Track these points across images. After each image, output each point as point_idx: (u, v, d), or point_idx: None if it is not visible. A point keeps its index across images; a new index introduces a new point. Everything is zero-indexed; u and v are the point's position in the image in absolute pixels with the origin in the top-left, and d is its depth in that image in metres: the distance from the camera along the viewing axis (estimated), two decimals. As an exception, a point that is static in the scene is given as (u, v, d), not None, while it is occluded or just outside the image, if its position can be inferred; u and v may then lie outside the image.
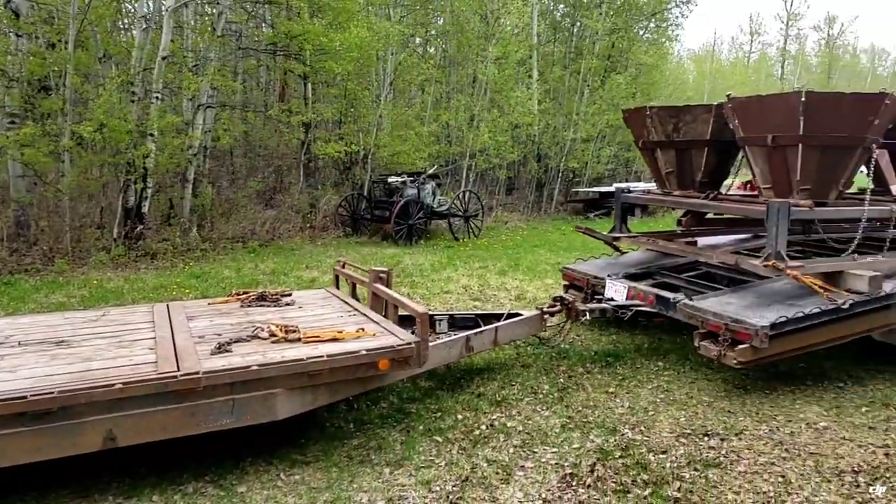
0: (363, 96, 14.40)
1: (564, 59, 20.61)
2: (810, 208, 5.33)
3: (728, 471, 3.86)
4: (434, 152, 15.84)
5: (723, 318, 5.01)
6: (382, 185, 14.00)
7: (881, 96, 5.18)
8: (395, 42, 14.67)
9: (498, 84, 16.73)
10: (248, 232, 12.03)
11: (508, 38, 17.01)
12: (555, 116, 19.18)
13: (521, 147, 18.55)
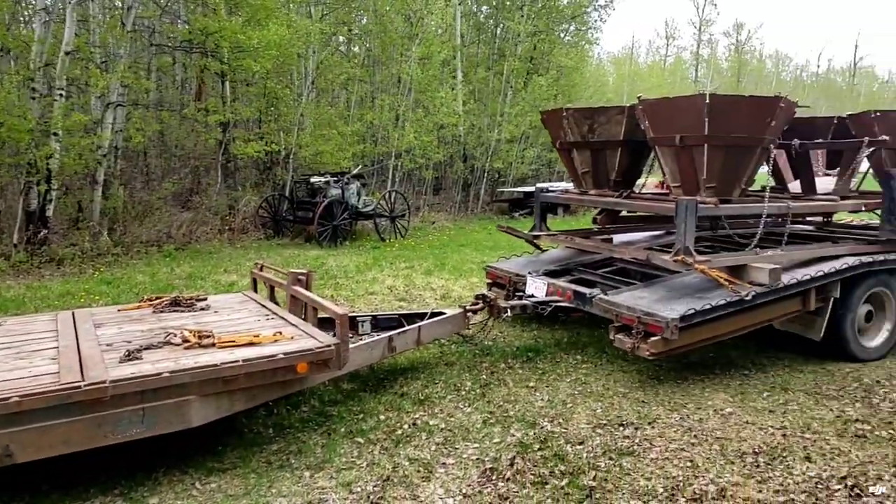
0: (284, 95, 14.13)
1: (488, 61, 20.89)
2: (716, 205, 5.61)
3: (641, 458, 4.01)
4: (359, 152, 15.73)
5: (635, 312, 5.21)
6: (305, 185, 13.77)
7: (776, 99, 5.51)
8: (317, 40, 14.48)
9: (422, 84, 16.78)
10: (164, 235, 11.59)
11: (432, 39, 17.09)
12: (479, 117, 19.41)
13: (447, 147, 18.67)
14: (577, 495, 3.55)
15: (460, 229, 16.11)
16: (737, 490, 3.62)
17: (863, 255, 6.06)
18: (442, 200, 19.25)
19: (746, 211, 5.97)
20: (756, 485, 3.69)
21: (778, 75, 65.79)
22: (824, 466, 3.91)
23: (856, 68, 66.59)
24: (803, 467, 3.90)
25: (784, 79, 66.14)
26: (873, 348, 6.15)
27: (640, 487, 3.65)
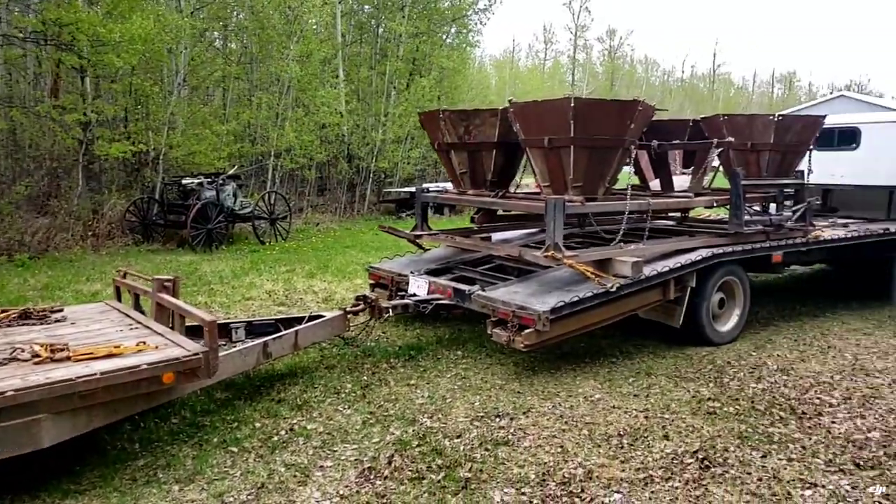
0: (153, 93, 13.35)
1: (371, 60, 20.81)
2: (582, 203, 5.93)
3: (515, 447, 4.16)
4: (235, 152, 15.17)
5: (510, 306, 5.40)
6: (177, 187, 13.07)
7: (635, 103, 5.89)
8: (188, 36, 13.81)
9: (302, 83, 16.44)
10: (16, 243, 10.61)
11: (311, 37, 16.79)
12: (363, 117, 19.30)
13: (331, 147, 18.42)
14: (453, 487, 3.63)
15: (346, 230, 15.95)
16: (602, 471, 3.84)
17: (715, 247, 6.60)
18: (326, 201, 18.98)
19: (610, 208, 6.34)
20: (620, 465, 3.93)
21: (648, 80, 70.04)
22: (680, 443, 4.23)
23: (715, 74, 72.20)
24: (662, 445, 4.20)
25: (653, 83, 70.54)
26: (726, 332, 6.72)
27: (513, 475, 3.78)
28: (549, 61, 64.26)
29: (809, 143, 7.78)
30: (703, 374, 5.66)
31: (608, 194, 6.50)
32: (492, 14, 24.60)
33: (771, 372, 5.73)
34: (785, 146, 7.57)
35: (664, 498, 3.55)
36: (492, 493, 3.59)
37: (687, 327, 6.38)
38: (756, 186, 7.29)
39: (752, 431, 4.43)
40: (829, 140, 9.14)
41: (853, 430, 4.47)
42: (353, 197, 19.41)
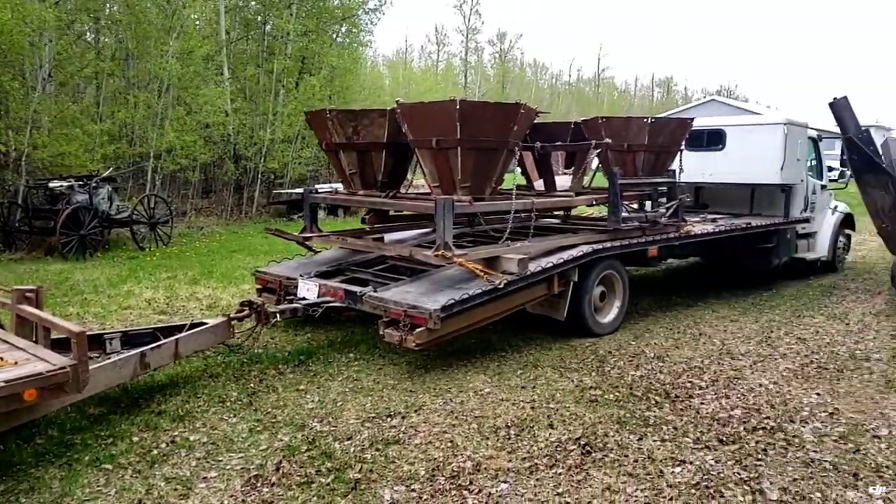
0: (12, 88, 12.27)
1: (258, 58, 20.19)
2: (470, 203, 6.05)
3: (406, 445, 4.18)
4: (111, 153, 14.24)
5: (402, 306, 5.43)
6: (43, 191, 12.09)
7: (517, 106, 6.08)
8: (52, 27, 12.81)
9: (184, 81, 15.69)
10: None
11: (192, 33, 16.06)
12: (250, 116, 18.70)
13: (216, 147, 17.70)
14: (343, 489, 3.60)
15: (233, 234, 15.39)
16: (490, 462, 3.94)
17: (595, 243, 6.93)
18: (212, 204, 18.24)
19: (497, 207, 6.50)
20: (507, 455, 4.05)
21: (537, 83, 72.27)
22: (564, 431, 4.42)
23: (600, 79, 75.71)
24: (547, 434, 4.36)
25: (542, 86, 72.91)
26: (607, 323, 7.08)
27: (404, 473, 3.81)
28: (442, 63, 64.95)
29: (680, 144, 8.34)
30: (587, 364, 5.93)
31: (495, 194, 6.68)
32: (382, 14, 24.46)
33: (648, 359, 6.09)
34: (658, 147, 8.08)
35: (548, 484, 3.69)
36: (381, 491, 3.59)
37: (571, 320, 6.67)
38: (632, 185, 7.73)
39: (630, 416, 4.70)
40: (699, 141, 9.83)
41: (718, 409, 4.84)
42: (240, 199, 18.76)
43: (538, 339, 6.67)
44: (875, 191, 8.05)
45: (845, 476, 3.77)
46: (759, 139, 9.53)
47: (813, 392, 5.17)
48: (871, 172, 8.01)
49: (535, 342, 6.60)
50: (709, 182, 10.04)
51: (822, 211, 10.60)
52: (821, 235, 10.56)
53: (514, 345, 6.50)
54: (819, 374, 5.66)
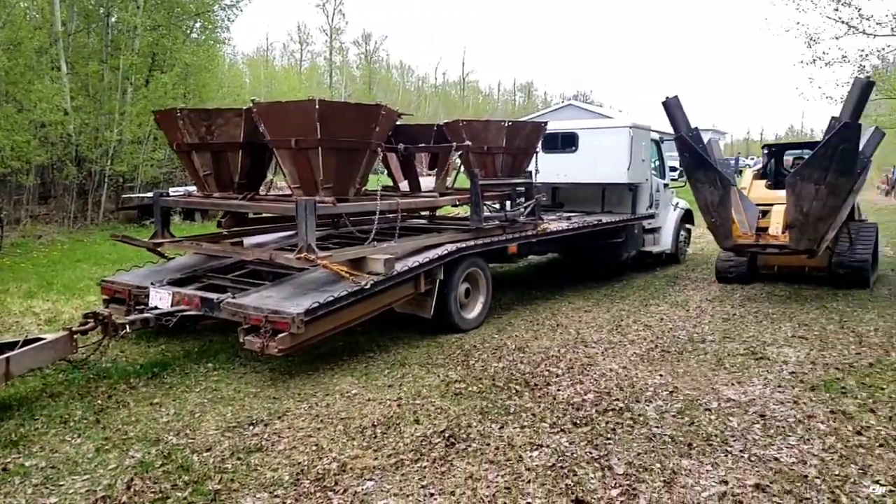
0: None
1: (101, 53, 18.71)
2: (333, 204, 5.99)
3: (269, 452, 4.07)
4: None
5: (262, 311, 5.27)
6: None
7: (378, 107, 6.12)
8: None
9: (12, 75, 14.22)
10: None
11: (21, 22, 14.59)
12: (94, 115, 17.29)
13: (54, 149, 16.20)
14: (202, 501, 3.44)
15: (77, 242, 14.18)
16: (356, 462, 3.93)
17: (459, 242, 7.12)
18: (52, 210, 16.68)
19: (361, 208, 6.50)
20: (373, 454, 4.06)
21: (404, 85, 72.58)
22: (429, 425, 4.50)
23: (465, 82, 77.43)
24: (412, 429, 4.42)
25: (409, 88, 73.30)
26: (472, 319, 7.29)
27: (267, 479, 3.71)
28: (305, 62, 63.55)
29: (536, 147, 8.76)
30: (452, 359, 6.08)
31: (360, 195, 6.67)
32: (240, 11, 23.61)
33: (510, 351, 6.34)
34: (515, 149, 8.43)
35: (413, 478, 3.74)
36: (243, 500, 3.47)
37: (438, 317, 6.81)
38: (493, 186, 8.01)
39: (493, 406, 4.87)
40: (554, 144, 10.38)
41: (573, 394, 5.14)
42: (85, 205, 17.30)
43: (406, 338, 6.74)
44: (705, 187, 8.38)
45: (681, 447, 4.14)
46: (608, 142, 10.23)
47: (657, 374, 5.63)
48: (702, 169, 8.35)
49: (402, 341, 6.66)
50: (564, 182, 10.63)
51: (665, 207, 11.57)
52: (665, 230, 11.53)
53: (382, 345, 6.52)
54: (662, 357, 6.17)
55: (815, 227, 7.84)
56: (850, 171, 7.62)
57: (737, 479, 3.68)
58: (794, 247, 8.12)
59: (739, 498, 3.48)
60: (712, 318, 7.72)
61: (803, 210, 7.70)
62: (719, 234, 8.66)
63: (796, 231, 7.94)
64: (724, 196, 8.30)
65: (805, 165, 7.75)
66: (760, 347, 6.39)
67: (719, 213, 8.40)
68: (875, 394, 5.06)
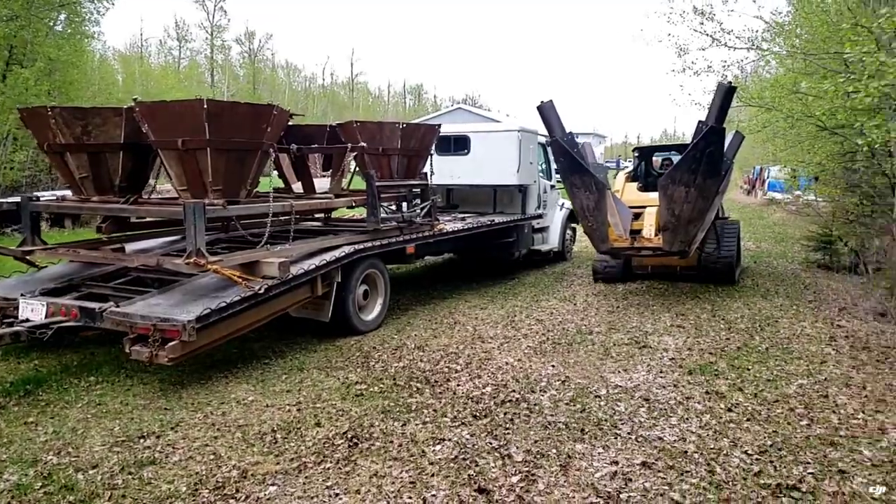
0: None
1: (-51, 45, 16.99)
2: (224, 207, 5.80)
3: (163, 465, 3.90)
4: None
5: (150, 320, 5.03)
6: None
7: (270, 107, 5.99)
8: None
9: None
10: None
11: None
12: (-58, 114, 15.67)
13: None
14: (90, 523, 3.26)
15: (-72, 253, 12.79)
16: (257, 468, 3.85)
17: (357, 243, 7.09)
18: None
19: (254, 210, 6.34)
20: (274, 459, 3.99)
21: (290, 85, 70.63)
22: (331, 427, 4.47)
23: (354, 83, 76.48)
24: (314, 432, 4.38)
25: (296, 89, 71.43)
26: (371, 320, 7.28)
27: (162, 492, 3.55)
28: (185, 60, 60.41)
29: (430, 148, 8.88)
30: (352, 361, 6.06)
31: (251, 197, 6.50)
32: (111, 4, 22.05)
33: (410, 350, 6.41)
34: (410, 151, 8.49)
35: (317, 480, 3.72)
36: (136, 516, 3.32)
37: (336, 320, 6.75)
38: (389, 187, 8.04)
39: (394, 405, 4.91)
40: (448, 146, 10.55)
41: (472, 388, 5.28)
42: (-64, 212, 15.62)
43: (303, 343, 6.64)
44: (580, 191, 8.34)
45: (575, 432, 4.36)
46: (498, 145, 10.54)
47: (549, 365, 5.88)
48: (577, 173, 8.31)
49: (299, 345, 6.55)
50: (457, 184, 10.84)
51: (552, 208, 12.06)
52: (552, 229, 12.02)
53: (278, 350, 6.39)
54: (554, 348, 6.46)
55: (686, 229, 7.95)
56: (717, 173, 7.86)
57: (626, 459, 3.93)
58: (667, 249, 8.19)
59: (629, 476, 3.73)
60: (598, 311, 8.15)
61: (675, 213, 7.82)
62: (595, 238, 8.65)
63: (669, 233, 8.02)
64: (600, 200, 8.31)
65: (675, 169, 7.86)
66: (643, 337, 6.83)
67: (595, 217, 8.43)
68: (742, 374, 5.56)
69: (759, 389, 5.15)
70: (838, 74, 7.76)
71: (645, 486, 3.61)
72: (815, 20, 9.33)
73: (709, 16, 9.70)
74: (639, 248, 8.62)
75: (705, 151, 7.51)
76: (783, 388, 5.19)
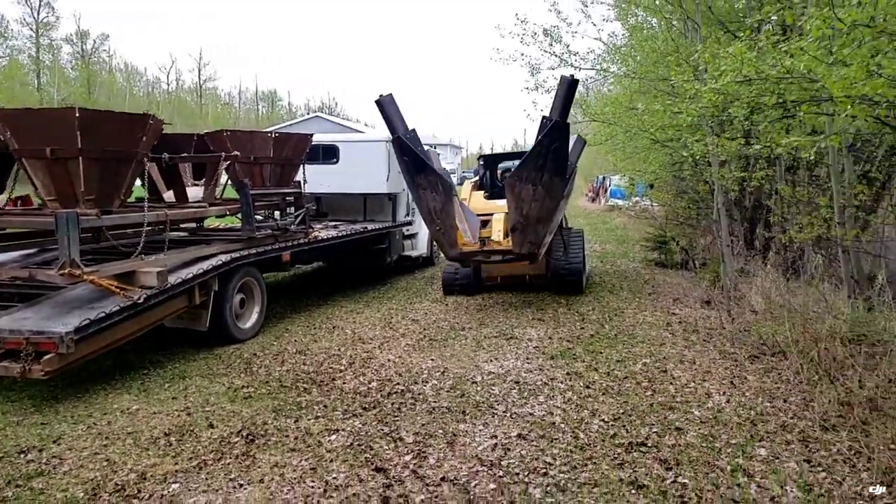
0: None
1: None
2: (98, 216, 5.69)
3: (53, 475, 3.87)
4: None
5: (21, 333, 4.88)
6: None
7: (147, 117, 5.97)
8: None
9: None
10: None
11: None
12: None
13: None
14: (-14, 534, 3.22)
15: None
16: (156, 469, 3.93)
17: (234, 252, 7.14)
18: None
19: (128, 220, 6.24)
20: (172, 459, 4.08)
21: (131, 90, 66.06)
22: (224, 428, 4.60)
23: (202, 89, 72.89)
24: (209, 433, 4.49)
25: (137, 94, 66.85)
26: (248, 328, 7.35)
27: (58, 500, 3.55)
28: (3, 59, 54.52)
29: (302, 157, 9.06)
30: (234, 368, 6.14)
31: (123, 207, 6.38)
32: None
33: (291, 355, 6.58)
34: (282, 159, 8.65)
35: (219, 475, 3.87)
36: (37, 524, 3.32)
37: (214, 329, 6.77)
38: (262, 196, 8.13)
39: (284, 404, 5.11)
40: (317, 155, 10.73)
41: (359, 385, 5.59)
42: None
43: (180, 352, 6.60)
44: (427, 192, 8.05)
45: (457, 414, 4.82)
46: (367, 154, 10.90)
47: (428, 359, 6.32)
48: (422, 173, 7.99)
49: (177, 355, 6.51)
50: (327, 192, 11.04)
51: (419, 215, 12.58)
52: (420, 236, 12.54)
53: (156, 361, 6.32)
54: (431, 344, 6.91)
55: (535, 229, 7.90)
56: (563, 170, 7.79)
57: (504, 433, 4.45)
58: (517, 251, 8.05)
59: (507, 446, 4.24)
60: (468, 310, 8.74)
61: (523, 212, 7.77)
62: (444, 243, 8.38)
63: (519, 234, 7.93)
64: (447, 203, 8.10)
65: (522, 167, 7.73)
66: (510, 330, 7.47)
67: (443, 221, 8.16)
68: (597, 357, 6.32)
69: (610, 369, 5.91)
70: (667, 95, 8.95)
71: (521, 453, 4.14)
72: (646, 47, 10.63)
73: (556, 38, 10.70)
74: (489, 251, 8.45)
75: (550, 147, 7.45)
76: (630, 366, 5.99)
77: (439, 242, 8.55)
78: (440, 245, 8.60)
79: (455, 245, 8.27)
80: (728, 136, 7.03)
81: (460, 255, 8.45)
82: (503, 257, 8.48)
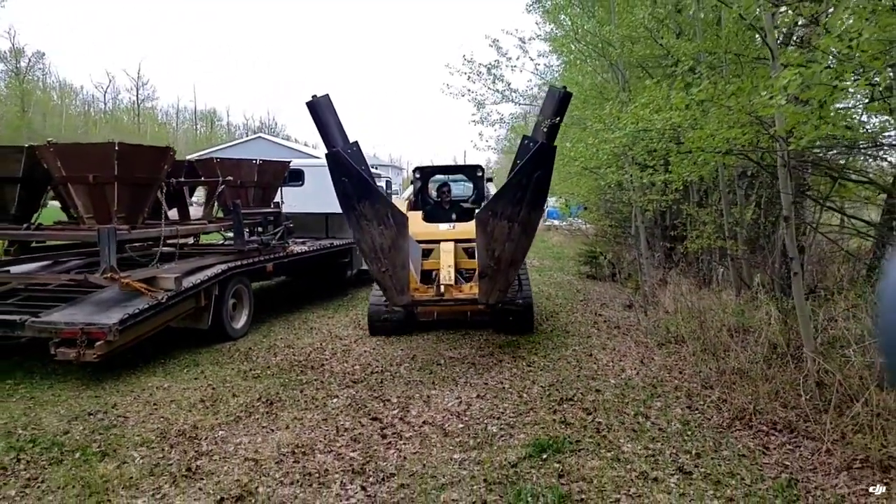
0: None
1: None
2: (129, 231, 6.89)
3: (124, 427, 5.07)
4: None
5: (76, 325, 6.03)
6: None
7: (167, 149, 7.23)
8: None
9: None
10: None
11: None
12: None
13: None
14: (96, 459, 4.43)
15: None
16: (203, 422, 5.19)
17: (230, 262, 8.37)
18: None
19: (152, 234, 7.43)
20: (213, 416, 5.33)
21: (66, 109, 64.77)
22: (246, 397, 5.86)
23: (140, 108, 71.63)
24: (235, 400, 5.75)
25: (73, 112, 65.48)
26: (240, 328, 8.56)
27: (138, 440, 4.79)
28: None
29: (280, 181, 10.36)
30: (236, 358, 7.36)
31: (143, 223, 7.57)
32: None
33: (281, 349, 7.83)
34: (264, 183, 9.93)
35: (253, 425, 5.16)
36: (130, 452, 4.56)
37: (214, 327, 7.96)
38: (248, 215, 9.39)
39: (288, 381, 6.40)
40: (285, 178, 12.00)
41: (345, 368, 6.91)
42: None
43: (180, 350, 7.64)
44: (372, 225, 6.49)
45: (428, 385, 6.22)
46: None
47: (399, 349, 7.69)
48: (366, 199, 6.44)
49: (181, 351, 7.62)
50: (293, 212, 12.28)
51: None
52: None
53: (169, 353, 7.46)
54: (399, 339, 8.28)
55: (506, 275, 6.61)
56: (543, 203, 6.76)
57: (466, 395, 5.88)
58: (484, 301, 6.73)
59: (469, 403, 5.67)
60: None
61: (495, 254, 6.44)
62: (391, 287, 6.72)
63: (488, 281, 6.55)
64: (398, 238, 6.50)
65: (498, 199, 6.47)
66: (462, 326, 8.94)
67: (391, 260, 6.56)
68: (536, 346, 7.81)
69: (547, 353, 7.43)
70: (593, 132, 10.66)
71: (480, 407, 5.58)
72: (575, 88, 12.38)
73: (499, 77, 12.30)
74: (450, 300, 7.08)
75: (533, 176, 6.23)
76: (563, 352, 7.52)
77: (383, 286, 6.84)
78: (384, 289, 6.89)
79: (404, 291, 6.76)
80: (650, 165, 8.63)
81: (413, 302, 7.09)
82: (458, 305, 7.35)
